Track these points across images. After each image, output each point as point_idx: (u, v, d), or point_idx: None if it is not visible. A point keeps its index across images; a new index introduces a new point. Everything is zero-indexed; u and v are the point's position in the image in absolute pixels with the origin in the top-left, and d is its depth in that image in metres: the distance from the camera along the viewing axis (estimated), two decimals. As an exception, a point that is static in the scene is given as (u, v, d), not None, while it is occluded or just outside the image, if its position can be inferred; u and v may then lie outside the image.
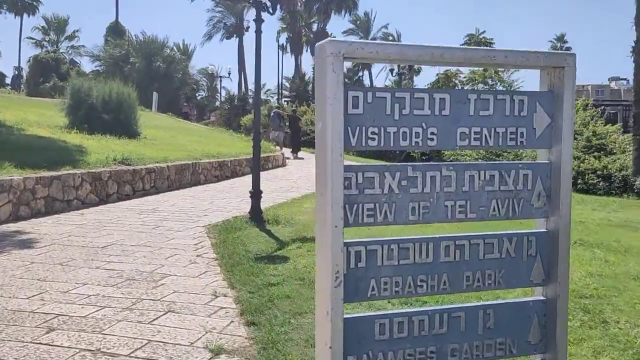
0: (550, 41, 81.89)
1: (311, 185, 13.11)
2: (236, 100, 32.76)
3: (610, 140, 18.44)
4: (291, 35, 42.18)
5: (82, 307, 4.28)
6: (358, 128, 1.96)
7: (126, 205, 9.70)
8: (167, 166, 12.01)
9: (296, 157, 21.95)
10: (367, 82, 70.07)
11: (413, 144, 2.03)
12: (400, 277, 2.05)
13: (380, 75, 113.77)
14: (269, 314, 4.12)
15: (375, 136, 1.99)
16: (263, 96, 65.33)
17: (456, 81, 26.22)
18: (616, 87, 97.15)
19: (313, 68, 39.51)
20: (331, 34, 42.62)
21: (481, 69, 25.46)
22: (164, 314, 4.17)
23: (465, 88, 26.65)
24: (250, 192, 8.16)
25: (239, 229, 7.52)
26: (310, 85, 38.61)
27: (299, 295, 4.56)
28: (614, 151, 17.69)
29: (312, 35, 44.64)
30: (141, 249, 6.38)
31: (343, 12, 40.61)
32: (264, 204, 9.35)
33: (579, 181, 16.10)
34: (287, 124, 23.77)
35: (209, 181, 13.52)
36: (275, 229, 7.56)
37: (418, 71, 20.71)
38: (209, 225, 7.98)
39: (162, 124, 21.32)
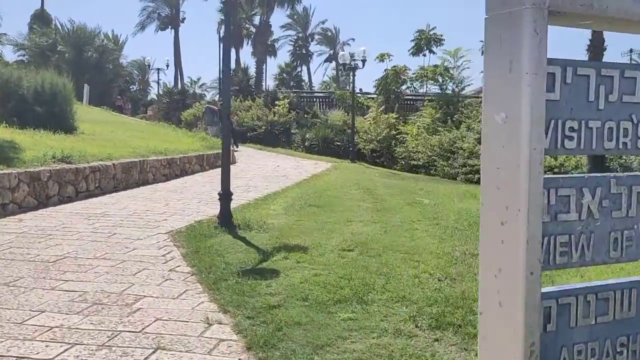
0: (481, 41, 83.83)
1: (268, 185, 12.37)
2: (175, 94, 31.28)
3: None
4: (232, 27, 40.79)
5: (47, 346, 3.41)
6: (553, 122, 1.30)
7: (70, 209, 8.63)
8: (113, 164, 10.92)
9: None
10: (305, 77, 69.45)
11: (620, 145, 1.39)
12: (596, 342, 1.40)
13: (319, 71, 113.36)
14: (284, 349, 3.40)
15: (574, 134, 1.33)
16: (198, 90, 63.59)
17: (404, 77, 25.98)
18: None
19: (256, 62, 38.60)
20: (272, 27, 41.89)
21: (432, 65, 25.36)
22: (153, 352, 3.36)
23: (414, 85, 26.55)
24: (219, 193, 7.34)
25: (209, 236, 6.69)
26: (254, 79, 37.56)
27: (311, 321, 3.85)
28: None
29: (253, 29, 43.55)
30: (101, 263, 5.47)
31: (286, 5, 39.74)
32: (216, 205, 8.67)
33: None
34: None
35: (157, 180, 12.48)
36: (249, 235, 6.78)
37: (363, 64, 20.13)
38: (172, 231, 7.11)
39: (98, 118, 19.87)
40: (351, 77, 19.76)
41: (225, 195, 7.20)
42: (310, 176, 14.24)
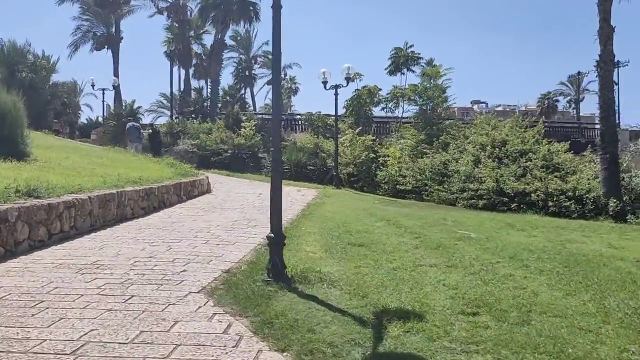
0: (422, 66, 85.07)
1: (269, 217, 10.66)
2: (124, 117, 28.71)
3: (564, 159, 17.90)
4: (180, 47, 38.56)
5: None
6: None
7: (49, 259, 6.68)
8: (90, 198, 8.96)
9: None
10: (249, 100, 67.84)
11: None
12: None
13: (261, 93, 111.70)
14: None
15: None
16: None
17: (379, 98, 24.78)
18: (478, 110, 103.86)
19: (211, 83, 36.38)
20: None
21: (412, 84, 24.30)
22: None
23: (389, 105, 25.40)
24: (269, 237, 5.65)
25: (266, 297, 5.00)
26: (209, 101, 35.35)
27: None
28: (570, 171, 17.08)
29: (202, 48, 41.54)
30: (147, 354, 3.70)
31: (243, 24, 37.85)
32: (240, 248, 7.14)
33: (550, 204, 15.14)
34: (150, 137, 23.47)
35: (137, 215, 10.54)
36: (318, 292, 5.14)
37: (348, 82, 18.51)
38: (206, 289, 5.36)
39: (45, 143, 17.53)
40: (334, 97, 18.32)
41: (278, 241, 5.53)
42: (306, 206, 12.64)
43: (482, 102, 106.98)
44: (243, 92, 67.00)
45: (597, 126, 41.16)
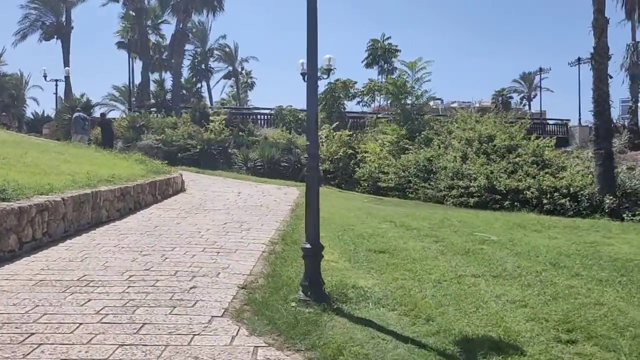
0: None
1: (260, 219, 9.81)
2: (80, 110, 26.79)
3: (552, 155, 17.55)
4: (137, 37, 36.69)
5: None
6: None
7: (25, 274, 5.63)
8: (63, 199, 7.86)
9: None
10: (205, 93, 66.03)
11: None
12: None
13: (217, 87, 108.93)
14: None
15: None
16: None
17: (354, 91, 23.99)
18: (434, 107, 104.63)
19: (173, 75, 34.72)
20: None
21: (383, 79, 23.65)
22: None
23: (365, 99, 24.68)
24: (304, 248, 4.77)
25: (312, 322, 4.14)
26: (170, 93, 33.73)
27: None
28: (559, 167, 16.72)
29: (158, 37, 39.75)
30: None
31: (205, 12, 36.30)
32: (244, 257, 6.52)
33: (544, 201, 14.70)
34: (100, 128, 23.30)
35: (112, 217, 9.44)
36: (371, 314, 4.32)
37: (328, 73, 17.54)
38: (229, 311, 4.47)
39: (-3, 137, 16.06)
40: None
41: (315, 252, 4.67)
42: (294, 205, 11.80)
43: (438, 99, 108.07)
44: (199, 85, 65.21)
45: (550, 122, 41.75)
